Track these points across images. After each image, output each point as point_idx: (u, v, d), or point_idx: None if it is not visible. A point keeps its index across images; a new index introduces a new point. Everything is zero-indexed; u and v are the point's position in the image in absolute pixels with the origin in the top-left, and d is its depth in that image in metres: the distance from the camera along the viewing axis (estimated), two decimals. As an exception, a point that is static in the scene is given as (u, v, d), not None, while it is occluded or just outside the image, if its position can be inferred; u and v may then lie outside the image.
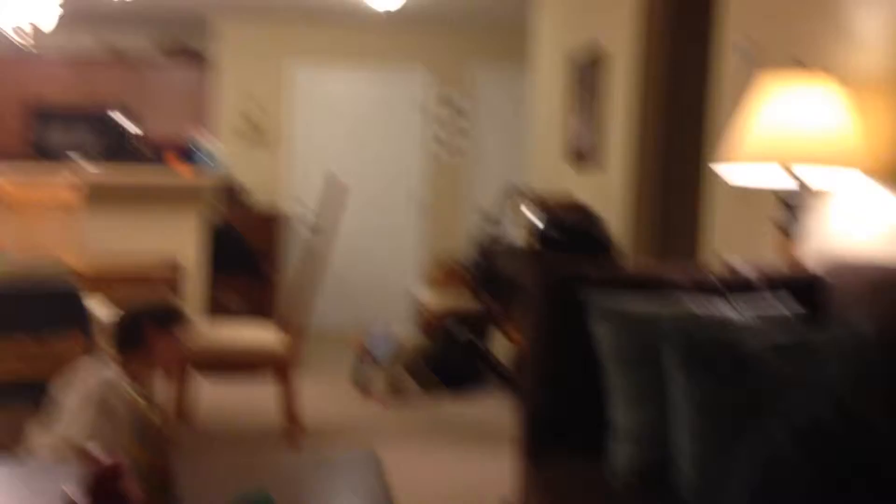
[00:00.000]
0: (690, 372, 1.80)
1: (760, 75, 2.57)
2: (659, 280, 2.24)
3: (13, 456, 2.55)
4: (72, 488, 1.45)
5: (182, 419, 4.15)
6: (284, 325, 4.24)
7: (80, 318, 3.01)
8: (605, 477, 1.90)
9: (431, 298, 6.20)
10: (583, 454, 2.03)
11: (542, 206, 5.28)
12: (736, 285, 2.26)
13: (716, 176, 3.35)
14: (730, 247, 3.32)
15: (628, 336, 2.01)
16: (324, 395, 5.20)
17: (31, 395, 2.98)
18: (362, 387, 5.18)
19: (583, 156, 5.24)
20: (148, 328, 2.64)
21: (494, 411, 4.83)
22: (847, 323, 2.05)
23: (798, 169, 2.55)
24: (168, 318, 2.71)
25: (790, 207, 2.60)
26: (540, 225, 4.80)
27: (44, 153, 7.81)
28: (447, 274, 6.43)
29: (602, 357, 2.06)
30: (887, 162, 2.45)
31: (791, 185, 2.58)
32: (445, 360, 5.35)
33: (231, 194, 7.47)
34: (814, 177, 2.64)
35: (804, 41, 2.75)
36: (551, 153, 5.87)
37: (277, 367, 4.10)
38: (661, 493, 1.78)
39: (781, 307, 2.13)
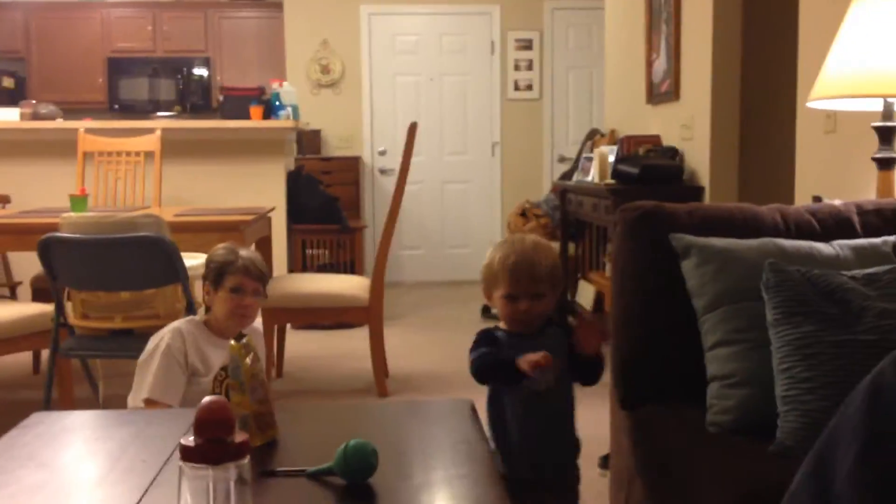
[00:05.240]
0: (788, 313, 1.75)
1: None
2: (749, 217, 2.17)
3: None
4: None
5: (272, 370, 4.24)
6: (370, 274, 4.26)
7: (180, 274, 3.03)
8: (701, 423, 1.87)
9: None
10: (677, 400, 2.00)
11: (618, 142, 5.19)
12: (832, 222, 2.19)
13: (810, 111, 3.23)
14: (825, 185, 3.22)
15: (720, 275, 1.95)
16: (408, 344, 5.23)
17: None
18: None
19: (659, 88, 5.12)
20: (217, 286, 2.53)
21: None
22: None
23: (898, 101, 2.45)
24: (222, 273, 2.54)
25: (889, 141, 2.49)
26: (615, 161, 4.72)
27: (121, 104, 7.94)
28: (526, 218, 6.38)
29: (692, 298, 2.01)
30: None
31: (890, 117, 2.48)
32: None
33: (308, 142, 7.52)
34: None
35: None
36: (628, 88, 5.74)
37: (363, 316, 4.15)
38: (761, 439, 1.73)
39: (881, 244, 2.06)
